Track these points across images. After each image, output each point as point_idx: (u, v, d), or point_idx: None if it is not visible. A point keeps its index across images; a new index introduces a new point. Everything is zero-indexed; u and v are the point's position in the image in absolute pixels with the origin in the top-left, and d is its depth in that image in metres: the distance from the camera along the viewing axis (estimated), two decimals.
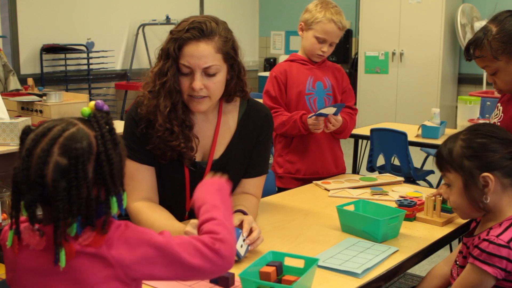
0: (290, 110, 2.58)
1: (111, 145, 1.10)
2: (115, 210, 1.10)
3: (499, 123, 2.00)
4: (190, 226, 1.58)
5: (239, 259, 1.55)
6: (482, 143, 1.55)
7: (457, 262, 1.66)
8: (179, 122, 1.80)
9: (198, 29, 1.74)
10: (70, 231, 1.05)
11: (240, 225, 1.62)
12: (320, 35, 2.52)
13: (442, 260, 1.81)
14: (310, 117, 2.46)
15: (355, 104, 2.75)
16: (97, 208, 1.09)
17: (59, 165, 1.05)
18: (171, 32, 1.79)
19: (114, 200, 1.09)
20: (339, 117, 2.50)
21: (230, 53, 1.79)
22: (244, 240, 1.56)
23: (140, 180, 1.83)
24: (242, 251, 1.55)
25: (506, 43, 1.85)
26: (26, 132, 1.11)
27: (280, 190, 2.69)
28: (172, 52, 1.74)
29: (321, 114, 2.44)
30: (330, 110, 2.43)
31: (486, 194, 1.54)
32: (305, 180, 2.58)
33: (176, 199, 1.90)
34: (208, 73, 1.76)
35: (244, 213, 1.73)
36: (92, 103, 1.13)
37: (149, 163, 1.84)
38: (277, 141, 2.70)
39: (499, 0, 2.94)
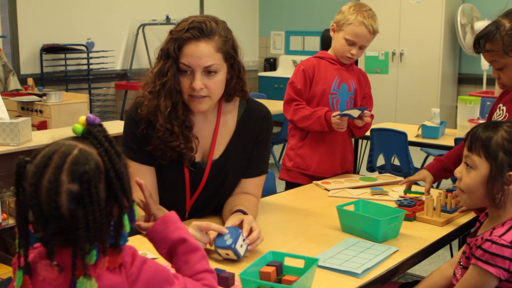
0: (311, 106, 2.58)
1: (117, 159, 1.05)
2: (128, 228, 1.05)
3: None
4: (192, 228, 1.58)
5: (238, 259, 1.55)
6: None
7: (461, 263, 1.65)
8: (179, 123, 1.80)
9: (198, 28, 1.74)
10: (89, 259, 1.00)
11: (240, 225, 1.62)
12: (350, 37, 2.52)
13: (448, 261, 1.80)
14: (335, 115, 2.44)
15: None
16: (114, 228, 1.05)
17: (72, 193, 0.99)
18: (170, 32, 1.79)
19: (126, 217, 1.05)
20: (367, 118, 2.47)
21: (230, 53, 1.79)
22: (244, 240, 1.56)
23: None
24: (241, 251, 1.55)
25: None
26: (21, 165, 1.03)
27: (287, 185, 2.69)
28: (172, 52, 1.74)
29: (345, 115, 2.43)
30: (355, 113, 2.42)
31: (504, 191, 1.52)
32: (312, 177, 2.57)
33: (176, 199, 1.90)
34: (208, 72, 1.76)
35: (244, 213, 1.72)
36: (83, 118, 1.06)
37: (149, 163, 1.84)
38: (291, 135, 2.71)
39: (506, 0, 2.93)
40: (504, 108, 2.03)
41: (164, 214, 1.21)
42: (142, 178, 1.83)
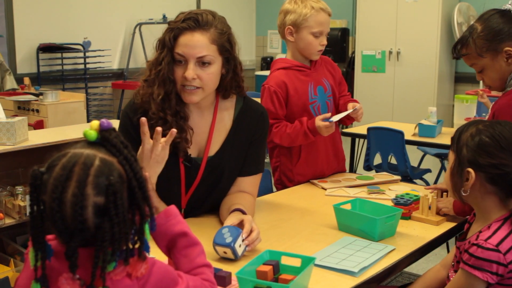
0: (292, 121, 2.40)
1: (138, 166, 1.04)
2: (148, 236, 1.05)
3: None
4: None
5: (236, 259, 1.55)
6: (485, 142, 1.52)
7: (454, 267, 1.65)
8: (172, 112, 1.82)
9: (194, 19, 1.77)
10: (107, 269, 1.00)
11: (240, 224, 1.63)
12: (317, 29, 2.38)
13: (439, 263, 1.80)
14: (325, 120, 2.28)
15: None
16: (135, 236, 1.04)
17: (99, 206, 0.97)
18: (168, 23, 1.84)
19: (147, 226, 1.04)
20: (360, 111, 2.37)
21: (225, 46, 1.81)
22: (243, 241, 1.56)
23: None
24: (240, 251, 1.55)
25: (491, 40, 1.89)
26: (37, 176, 0.99)
27: None
28: (167, 42, 1.78)
29: (331, 121, 2.28)
30: (338, 118, 2.30)
31: (464, 187, 1.55)
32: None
33: (171, 195, 1.89)
34: (202, 63, 1.78)
35: (243, 212, 1.73)
36: (96, 123, 1.03)
37: None
38: (280, 153, 2.50)
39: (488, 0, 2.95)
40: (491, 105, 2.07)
41: (166, 207, 1.22)
42: None
